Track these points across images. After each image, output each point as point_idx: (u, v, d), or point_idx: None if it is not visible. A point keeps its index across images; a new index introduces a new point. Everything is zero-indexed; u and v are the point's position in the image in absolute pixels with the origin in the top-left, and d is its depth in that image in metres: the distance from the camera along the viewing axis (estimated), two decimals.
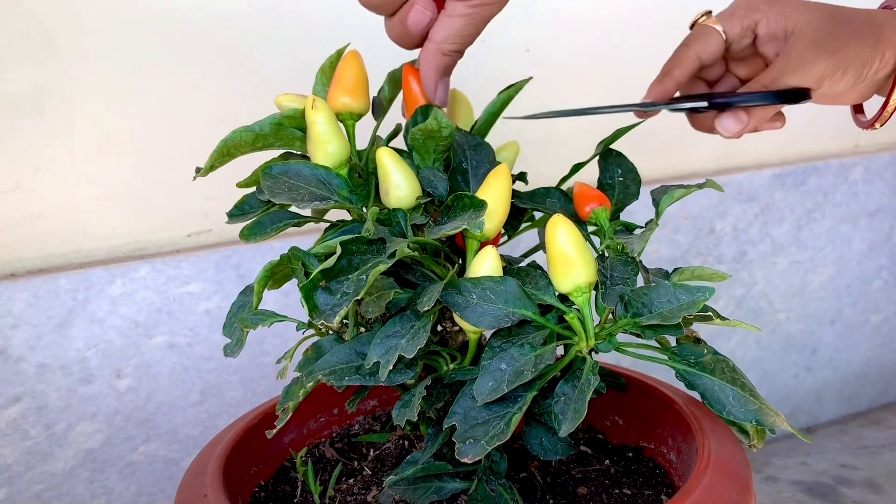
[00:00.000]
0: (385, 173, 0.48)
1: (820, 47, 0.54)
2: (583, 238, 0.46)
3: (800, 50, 0.54)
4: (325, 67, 0.55)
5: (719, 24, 0.58)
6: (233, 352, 0.49)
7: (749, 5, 0.58)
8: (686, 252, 1.07)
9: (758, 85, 0.54)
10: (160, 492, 0.82)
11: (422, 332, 0.44)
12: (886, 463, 1.09)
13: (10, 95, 0.73)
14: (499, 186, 0.47)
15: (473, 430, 0.43)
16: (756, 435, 0.53)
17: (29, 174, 0.75)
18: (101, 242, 0.79)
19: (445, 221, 0.46)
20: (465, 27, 0.48)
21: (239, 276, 0.82)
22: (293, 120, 0.50)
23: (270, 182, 0.48)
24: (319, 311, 0.41)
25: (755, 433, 0.53)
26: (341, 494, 0.57)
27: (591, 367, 0.45)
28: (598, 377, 0.44)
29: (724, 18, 0.58)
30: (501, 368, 0.43)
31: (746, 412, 0.45)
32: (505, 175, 0.48)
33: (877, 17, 0.56)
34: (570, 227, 0.45)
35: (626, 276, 0.47)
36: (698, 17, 0.59)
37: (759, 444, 0.53)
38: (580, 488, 0.56)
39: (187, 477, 0.54)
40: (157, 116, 0.79)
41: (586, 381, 0.44)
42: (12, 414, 0.74)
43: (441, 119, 0.49)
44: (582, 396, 0.43)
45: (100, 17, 0.75)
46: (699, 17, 0.59)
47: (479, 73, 0.92)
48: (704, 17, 0.59)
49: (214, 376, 0.83)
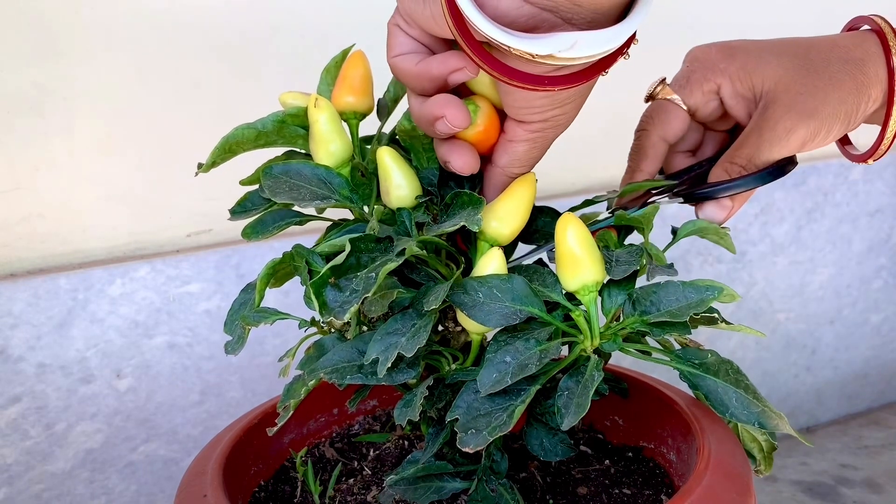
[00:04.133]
0: (386, 173, 0.48)
1: (797, 112, 0.47)
2: (591, 238, 0.46)
3: (774, 119, 0.47)
4: (330, 67, 0.55)
5: (677, 93, 0.51)
6: (234, 349, 0.49)
7: (705, 64, 0.51)
8: (686, 252, 1.07)
9: (736, 167, 0.49)
10: (160, 492, 0.82)
11: (423, 332, 0.44)
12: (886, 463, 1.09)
13: (10, 95, 0.73)
14: (520, 193, 0.47)
15: (475, 421, 0.43)
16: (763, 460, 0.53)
17: (29, 174, 0.75)
18: (101, 242, 0.79)
19: (445, 219, 0.46)
20: (529, 151, 0.45)
21: (239, 276, 0.82)
22: (296, 118, 0.50)
23: (271, 182, 0.48)
24: (329, 307, 0.41)
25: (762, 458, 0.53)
26: (341, 494, 0.57)
27: (595, 363, 0.45)
28: (602, 373, 0.44)
29: (680, 86, 0.51)
30: (506, 361, 0.43)
31: (749, 414, 0.45)
32: (529, 183, 0.47)
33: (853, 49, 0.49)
34: (579, 226, 0.45)
35: (631, 260, 0.47)
36: (653, 88, 0.52)
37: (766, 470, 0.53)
38: (580, 488, 0.56)
39: (187, 477, 0.54)
40: (157, 116, 0.79)
41: (590, 377, 0.44)
42: (12, 414, 0.74)
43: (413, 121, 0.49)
44: (585, 391, 0.43)
45: (100, 16, 0.75)
46: (654, 88, 0.52)
47: None
48: (660, 86, 0.52)
49: (214, 376, 0.83)
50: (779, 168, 0.49)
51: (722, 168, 0.50)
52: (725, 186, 0.49)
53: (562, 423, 0.42)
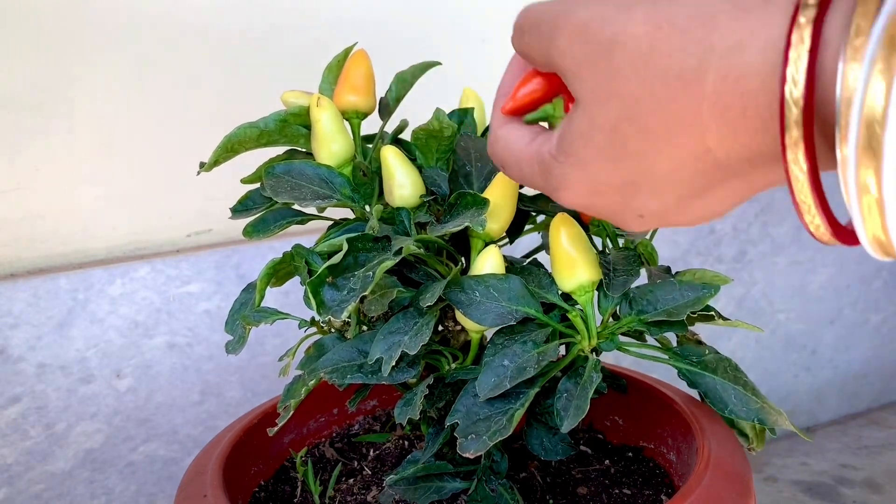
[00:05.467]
0: (389, 172, 0.48)
1: None
2: (586, 237, 0.46)
3: None
4: (332, 65, 0.55)
5: None
6: (235, 349, 0.49)
7: None
8: (686, 252, 1.07)
9: None
10: (160, 492, 0.82)
11: (425, 330, 0.44)
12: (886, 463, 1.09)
13: (10, 95, 0.73)
14: (505, 187, 0.47)
15: (475, 426, 0.43)
16: (756, 437, 0.53)
17: (29, 174, 0.75)
18: (101, 242, 0.79)
19: (448, 220, 0.46)
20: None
21: (239, 276, 0.82)
22: (298, 117, 0.50)
23: (273, 181, 0.48)
24: (326, 307, 0.41)
25: (755, 435, 0.53)
26: (341, 494, 0.57)
27: (593, 364, 0.45)
28: (601, 374, 0.44)
29: None
30: (504, 365, 0.43)
31: (748, 411, 0.45)
32: None
33: None
34: (573, 226, 0.45)
35: (629, 269, 0.47)
36: None
37: (758, 446, 0.53)
38: (580, 488, 0.56)
39: (187, 477, 0.54)
40: (157, 116, 0.79)
41: (588, 379, 0.44)
42: (12, 414, 0.74)
43: (443, 119, 0.49)
44: (584, 393, 0.43)
45: (100, 16, 0.75)
46: None
47: (479, 73, 0.92)
48: None
49: (214, 376, 0.83)
50: None
51: None
52: None
53: (561, 426, 0.42)
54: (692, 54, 0.26)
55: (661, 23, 0.27)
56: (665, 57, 0.27)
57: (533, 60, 0.32)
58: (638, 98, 0.28)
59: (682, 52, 0.26)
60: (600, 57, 0.28)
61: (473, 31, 0.91)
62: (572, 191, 0.31)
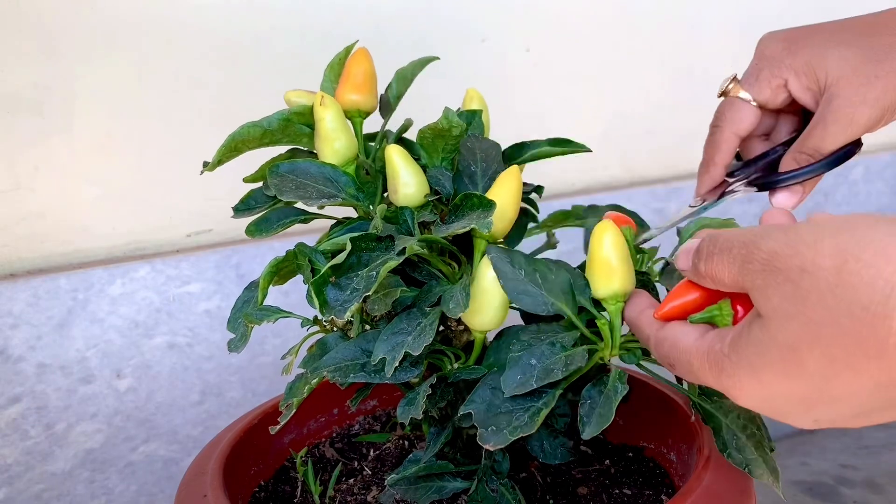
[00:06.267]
0: (394, 171, 0.48)
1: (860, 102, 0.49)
2: (627, 248, 0.45)
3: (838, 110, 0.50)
4: (333, 64, 0.55)
5: (747, 91, 0.54)
6: (237, 347, 0.49)
7: (772, 62, 0.53)
8: None
9: (804, 157, 0.52)
10: (160, 492, 0.82)
11: (428, 330, 0.44)
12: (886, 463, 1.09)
13: (10, 95, 0.73)
14: (509, 187, 0.47)
15: (496, 419, 0.43)
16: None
17: (29, 174, 0.75)
18: (101, 242, 0.79)
19: (454, 220, 0.46)
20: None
21: (239, 276, 0.82)
22: (301, 116, 0.50)
23: (277, 180, 0.48)
24: (329, 306, 0.41)
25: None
26: (341, 494, 0.57)
27: (617, 374, 0.45)
28: (627, 386, 0.44)
29: (750, 84, 0.54)
30: (531, 363, 0.43)
31: (742, 459, 0.46)
32: (516, 177, 0.47)
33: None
34: (617, 234, 0.45)
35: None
36: (725, 85, 0.55)
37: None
38: (580, 488, 0.56)
39: (187, 477, 0.54)
40: (157, 116, 0.79)
41: (613, 388, 0.43)
42: (12, 414, 0.74)
43: (452, 118, 0.49)
44: (608, 402, 0.42)
45: (100, 16, 0.75)
46: (726, 85, 0.55)
47: (479, 73, 0.92)
48: (731, 83, 0.55)
49: (214, 376, 0.83)
50: (845, 153, 0.52)
51: (791, 157, 0.53)
52: (794, 174, 0.53)
53: (583, 433, 0.42)
54: (879, 290, 0.29)
55: (848, 257, 0.30)
56: (851, 290, 0.29)
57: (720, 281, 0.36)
58: (821, 323, 0.30)
59: (869, 287, 0.29)
60: (788, 281, 0.31)
61: (473, 31, 0.91)
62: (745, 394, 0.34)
